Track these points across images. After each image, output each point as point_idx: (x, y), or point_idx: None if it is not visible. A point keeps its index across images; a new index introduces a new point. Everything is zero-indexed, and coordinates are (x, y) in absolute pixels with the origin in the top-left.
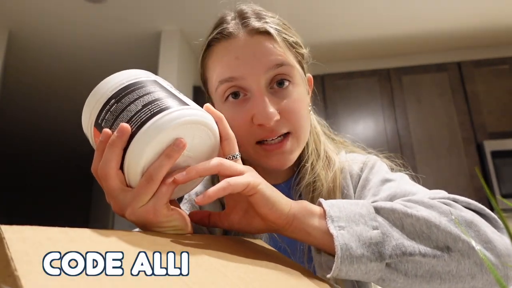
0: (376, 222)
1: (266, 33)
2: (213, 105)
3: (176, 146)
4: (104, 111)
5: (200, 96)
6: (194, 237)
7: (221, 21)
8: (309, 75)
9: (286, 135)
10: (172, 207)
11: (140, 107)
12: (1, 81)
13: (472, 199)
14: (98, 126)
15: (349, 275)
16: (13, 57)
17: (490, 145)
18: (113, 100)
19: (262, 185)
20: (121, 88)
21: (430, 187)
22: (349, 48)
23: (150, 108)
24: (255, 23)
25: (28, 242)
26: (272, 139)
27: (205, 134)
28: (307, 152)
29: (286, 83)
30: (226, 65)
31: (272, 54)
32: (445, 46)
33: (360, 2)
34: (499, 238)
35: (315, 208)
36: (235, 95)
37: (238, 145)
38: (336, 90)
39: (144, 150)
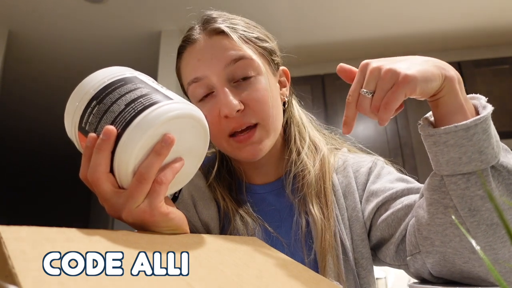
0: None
1: (222, 32)
2: None
3: (164, 142)
4: (87, 114)
5: None
6: (192, 237)
7: (188, 30)
8: (283, 67)
9: (255, 126)
10: (168, 206)
11: (123, 107)
12: (0, 80)
13: None
14: (82, 129)
15: (472, 137)
16: (13, 57)
17: None
18: (94, 102)
19: (415, 81)
20: (102, 88)
21: None
22: (349, 48)
23: (134, 106)
24: (213, 25)
25: (26, 242)
26: (242, 130)
27: (192, 127)
28: (292, 144)
29: (249, 76)
30: (191, 67)
31: (229, 50)
32: (445, 46)
33: (360, 2)
34: None
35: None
36: (206, 95)
37: (214, 141)
38: (336, 90)
39: (133, 150)
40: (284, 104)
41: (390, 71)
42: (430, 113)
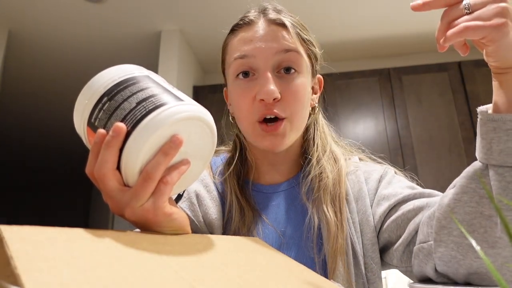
0: None
1: (282, 24)
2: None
3: (173, 143)
4: (97, 110)
5: (200, 95)
6: (194, 237)
7: (245, 13)
8: (319, 76)
9: (282, 119)
10: (171, 206)
11: (134, 105)
12: (0, 80)
13: None
14: (92, 125)
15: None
16: (13, 57)
17: None
18: (105, 98)
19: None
20: (114, 85)
21: (430, 187)
22: (349, 48)
23: (145, 105)
24: (274, 15)
25: (28, 242)
26: (270, 119)
27: (201, 129)
28: (313, 147)
29: (292, 70)
30: (242, 44)
31: (284, 41)
32: None
33: (360, 2)
34: None
35: None
36: (245, 74)
37: (240, 123)
38: (336, 90)
39: (141, 149)
40: (313, 109)
41: (504, 9)
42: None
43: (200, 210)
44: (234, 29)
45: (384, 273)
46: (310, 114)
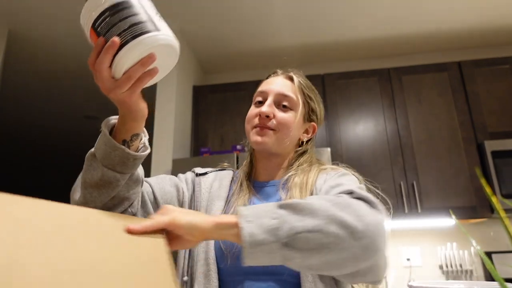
0: (276, 214)
1: (291, 78)
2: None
3: (149, 58)
4: (100, 20)
5: (200, 95)
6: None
7: (275, 71)
8: (314, 124)
9: (272, 129)
10: (141, 99)
11: (127, 26)
12: (0, 80)
13: (472, 199)
14: (95, 29)
15: (258, 259)
16: (13, 57)
17: (491, 145)
18: (107, 12)
19: (176, 217)
20: (114, 4)
21: (430, 187)
22: (349, 48)
23: (135, 29)
24: (289, 73)
25: None
26: (262, 127)
27: (169, 50)
28: (296, 165)
29: (286, 107)
30: (265, 85)
31: (287, 88)
32: (445, 46)
33: (361, 2)
34: (371, 213)
35: (231, 217)
36: (259, 102)
37: (246, 130)
38: (336, 90)
39: (127, 59)
40: (301, 143)
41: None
42: None
43: (206, 210)
44: (267, 77)
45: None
46: (300, 145)
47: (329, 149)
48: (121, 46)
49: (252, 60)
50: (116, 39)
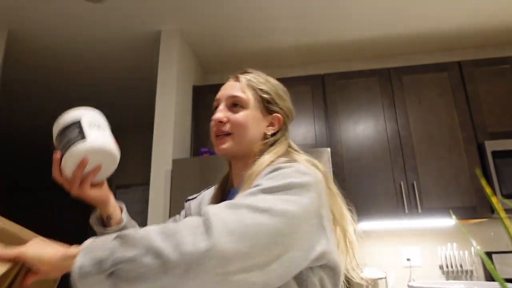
0: (108, 245)
1: (238, 79)
2: None
3: (83, 162)
4: (57, 137)
5: (200, 95)
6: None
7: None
8: (279, 116)
9: (229, 134)
10: (94, 190)
11: (65, 142)
12: (0, 80)
13: (472, 199)
14: (55, 146)
15: None
16: (13, 57)
17: (491, 145)
18: (58, 133)
19: (26, 250)
20: (64, 128)
21: (430, 187)
22: (349, 48)
23: (69, 143)
24: (237, 74)
25: None
26: (221, 134)
27: (99, 150)
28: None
29: (238, 107)
30: (219, 92)
31: (234, 89)
32: (445, 46)
33: (360, 2)
34: (194, 241)
35: (78, 248)
36: (215, 108)
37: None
38: (336, 90)
39: (66, 165)
40: (266, 137)
41: None
42: None
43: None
44: (223, 84)
45: (383, 273)
46: (263, 139)
47: (329, 149)
48: (63, 156)
49: (252, 60)
50: (57, 154)
